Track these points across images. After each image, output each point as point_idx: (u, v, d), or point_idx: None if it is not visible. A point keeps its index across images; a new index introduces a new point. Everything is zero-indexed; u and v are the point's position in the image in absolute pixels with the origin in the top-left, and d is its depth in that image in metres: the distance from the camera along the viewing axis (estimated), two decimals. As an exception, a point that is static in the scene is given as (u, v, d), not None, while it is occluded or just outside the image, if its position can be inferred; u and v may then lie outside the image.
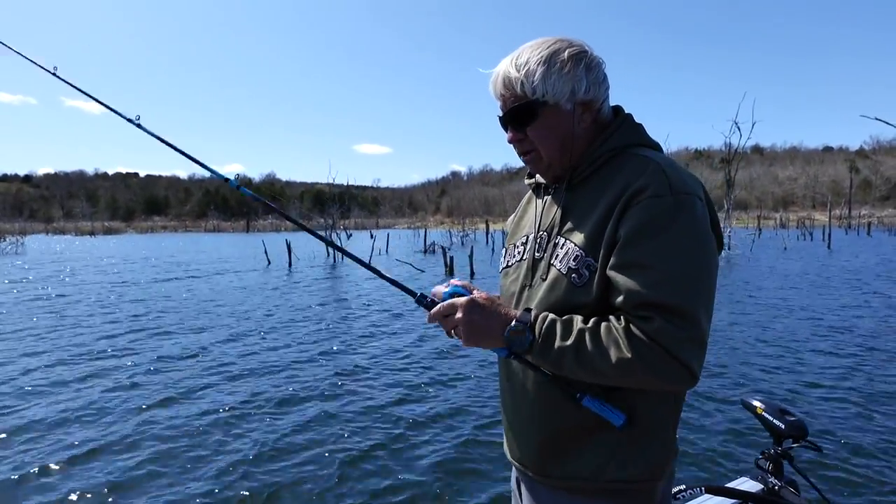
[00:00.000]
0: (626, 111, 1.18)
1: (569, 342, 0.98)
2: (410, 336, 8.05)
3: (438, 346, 7.24)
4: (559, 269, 1.08)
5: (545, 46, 1.10)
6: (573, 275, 1.05)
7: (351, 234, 27.05)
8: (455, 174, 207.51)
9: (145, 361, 6.64)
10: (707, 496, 1.80)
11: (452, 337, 1.11)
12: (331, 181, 27.77)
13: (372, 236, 36.19)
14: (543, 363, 1.03)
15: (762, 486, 1.80)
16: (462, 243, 37.02)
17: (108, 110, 1.47)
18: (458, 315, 1.06)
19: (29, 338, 8.14)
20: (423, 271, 18.89)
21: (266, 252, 24.35)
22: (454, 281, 1.15)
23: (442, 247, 21.37)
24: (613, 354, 0.94)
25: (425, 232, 35.74)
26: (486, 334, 1.05)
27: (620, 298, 0.97)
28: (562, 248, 1.09)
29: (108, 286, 15.36)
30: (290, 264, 21.83)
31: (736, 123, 26.94)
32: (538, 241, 1.17)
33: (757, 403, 1.86)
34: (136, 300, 12.35)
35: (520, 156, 1.18)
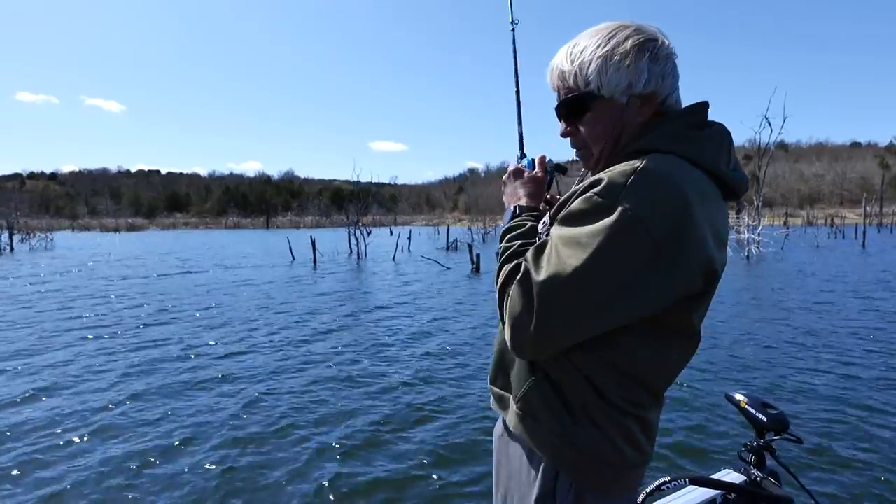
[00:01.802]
0: (701, 111, 1.09)
1: (505, 244, 1.11)
2: (442, 330, 7.95)
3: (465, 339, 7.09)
4: (538, 232, 1.20)
5: (605, 34, 1.05)
6: (538, 238, 1.14)
7: (370, 231, 27.03)
8: (472, 171, 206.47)
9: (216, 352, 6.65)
10: (692, 487, 1.82)
11: None
12: (356, 178, 27.75)
13: (392, 233, 36.29)
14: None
15: (745, 478, 1.84)
16: (483, 240, 36.88)
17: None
18: (504, 177, 1.32)
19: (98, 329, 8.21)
20: (449, 269, 18.76)
21: (291, 249, 24.45)
22: (539, 156, 1.36)
23: (469, 244, 21.18)
24: (501, 276, 1.05)
25: (447, 230, 35.62)
26: (507, 200, 1.28)
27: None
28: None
29: (137, 281, 15.50)
30: (314, 261, 21.87)
31: (766, 118, 26.35)
32: None
33: (740, 397, 1.90)
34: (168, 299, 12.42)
35: (573, 149, 1.16)
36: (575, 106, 1.08)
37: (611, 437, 1.05)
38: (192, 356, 6.84)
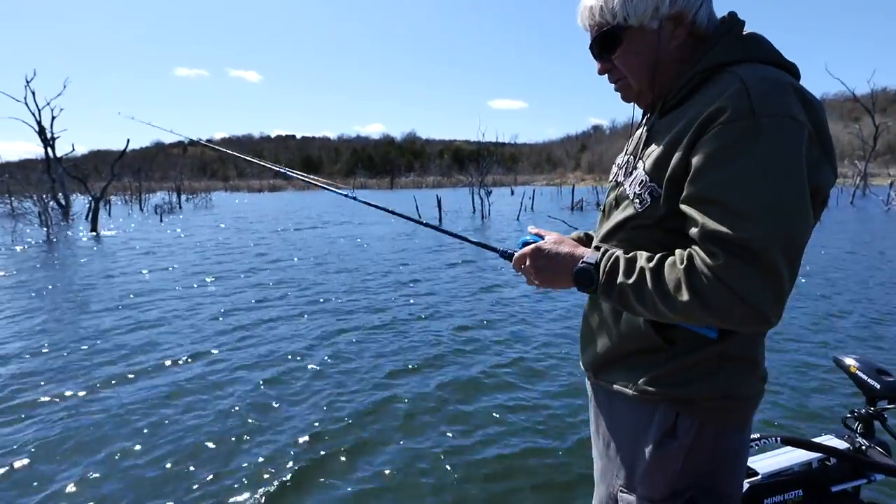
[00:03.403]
0: (739, 21, 1.04)
1: (630, 280, 0.96)
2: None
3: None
4: (628, 193, 1.08)
5: None
6: (636, 200, 1.05)
7: (491, 191, 26.88)
8: (596, 128, 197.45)
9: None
10: (785, 449, 1.72)
11: (533, 284, 1.14)
12: (479, 137, 27.64)
13: (513, 193, 35.77)
14: (610, 301, 1.02)
15: (848, 446, 1.73)
16: (610, 200, 35.05)
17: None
18: (528, 263, 1.12)
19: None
20: (576, 229, 18.03)
21: (417, 208, 25.17)
22: (531, 229, 1.24)
23: (597, 203, 20.22)
24: (674, 295, 0.90)
25: (573, 189, 34.33)
26: (556, 277, 1.09)
27: (692, 232, 0.93)
28: (634, 172, 1.08)
29: (289, 238, 16.90)
30: (440, 219, 22.31)
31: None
32: (626, 165, 1.17)
33: (850, 361, 1.77)
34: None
35: (612, 84, 1.14)
36: (607, 41, 1.07)
37: (743, 374, 1.05)
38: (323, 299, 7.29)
